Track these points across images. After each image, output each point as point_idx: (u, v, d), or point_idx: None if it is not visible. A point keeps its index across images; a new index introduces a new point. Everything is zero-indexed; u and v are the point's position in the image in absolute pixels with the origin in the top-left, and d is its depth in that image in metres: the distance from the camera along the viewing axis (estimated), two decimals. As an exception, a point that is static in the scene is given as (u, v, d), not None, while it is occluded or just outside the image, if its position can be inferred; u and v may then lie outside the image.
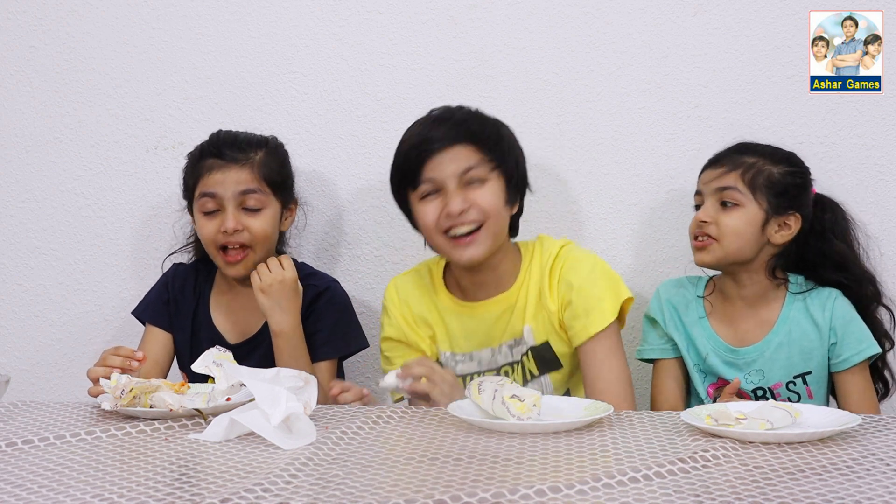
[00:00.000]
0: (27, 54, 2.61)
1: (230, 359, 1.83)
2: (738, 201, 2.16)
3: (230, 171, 2.24)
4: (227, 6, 2.56)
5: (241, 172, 2.25)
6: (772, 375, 2.18)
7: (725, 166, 2.18)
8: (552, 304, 2.13)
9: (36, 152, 2.62)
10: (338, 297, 2.34)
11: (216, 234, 2.25)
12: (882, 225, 2.42)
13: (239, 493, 1.34)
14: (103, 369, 1.95)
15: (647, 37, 2.45)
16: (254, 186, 2.25)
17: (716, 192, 2.17)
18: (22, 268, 2.64)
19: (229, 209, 2.24)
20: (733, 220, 2.15)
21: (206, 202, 2.25)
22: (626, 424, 1.75)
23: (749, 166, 2.17)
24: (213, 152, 2.26)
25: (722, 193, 2.16)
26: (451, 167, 2.06)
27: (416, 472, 1.45)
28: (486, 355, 2.18)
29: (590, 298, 2.10)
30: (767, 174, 2.16)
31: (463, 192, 2.06)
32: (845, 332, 2.16)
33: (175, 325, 2.36)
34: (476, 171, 2.07)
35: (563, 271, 2.13)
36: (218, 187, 2.24)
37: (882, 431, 1.68)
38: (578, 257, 2.15)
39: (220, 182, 2.24)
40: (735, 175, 2.16)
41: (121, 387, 1.80)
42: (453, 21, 2.50)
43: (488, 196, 2.07)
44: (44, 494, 1.37)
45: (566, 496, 1.35)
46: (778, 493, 1.34)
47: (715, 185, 2.17)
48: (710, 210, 2.17)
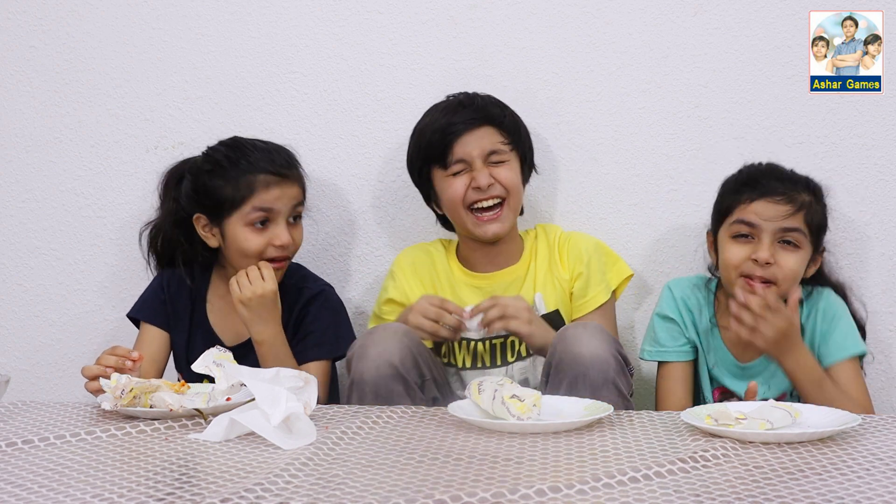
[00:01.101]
0: (27, 54, 2.61)
1: (230, 359, 1.83)
2: (800, 243, 2.09)
3: (286, 186, 2.27)
4: (227, 6, 2.56)
5: (294, 188, 2.30)
6: (776, 387, 2.17)
7: (790, 205, 2.08)
8: (564, 273, 2.30)
9: (36, 152, 2.62)
10: (332, 301, 2.36)
11: (266, 248, 2.26)
12: (882, 225, 2.42)
13: (239, 493, 1.34)
14: (98, 368, 1.97)
15: (647, 37, 2.45)
16: (302, 199, 2.32)
17: (779, 231, 2.08)
18: (22, 268, 2.64)
19: (281, 224, 2.27)
20: (795, 264, 2.08)
21: (257, 216, 2.25)
22: (626, 424, 1.75)
23: (807, 206, 2.10)
24: (268, 168, 2.26)
25: (785, 234, 2.08)
26: (479, 146, 2.24)
27: (416, 472, 1.45)
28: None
29: (597, 272, 2.29)
30: (818, 215, 2.13)
31: (488, 169, 2.23)
32: (833, 327, 2.14)
33: (172, 326, 2.37)
34: (499, 152, 2.25)
35: (572, 244, 2.32)
36: (277, 203, 2.26)
37: (882, 431, 1.68)
38: (583, 236, 2.36)
39: (280, 197, 2.26)
40: (800, 217, 2.09)
41: (121, 387, 1.80)
42: (453, 21, 2.50)
43: (510, 174, 2.25)
44: (44, 494, 1.37)
45: (566, 496, 1.35)
46: (778, 493, 1.34)
47: (779, 225, 2.08)
48: (773, 250, 2.07)
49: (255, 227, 2.26)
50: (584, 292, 2.28)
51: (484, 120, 2.25)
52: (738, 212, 2.12)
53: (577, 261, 2.29)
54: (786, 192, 2.09)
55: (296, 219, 2.32)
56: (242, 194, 2.25)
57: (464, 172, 2.24)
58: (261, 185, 2.25)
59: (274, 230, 2.26)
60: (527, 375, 2.24)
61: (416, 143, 2.30)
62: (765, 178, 2.13)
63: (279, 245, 2.26)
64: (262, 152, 2.29)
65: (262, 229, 2.26)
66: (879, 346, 2.41)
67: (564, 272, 2.30)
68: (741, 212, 2.11)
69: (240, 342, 2.32)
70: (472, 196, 2.23)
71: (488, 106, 2.27)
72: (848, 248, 2.41)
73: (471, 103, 2.27)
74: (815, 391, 2.01)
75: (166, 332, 2.37)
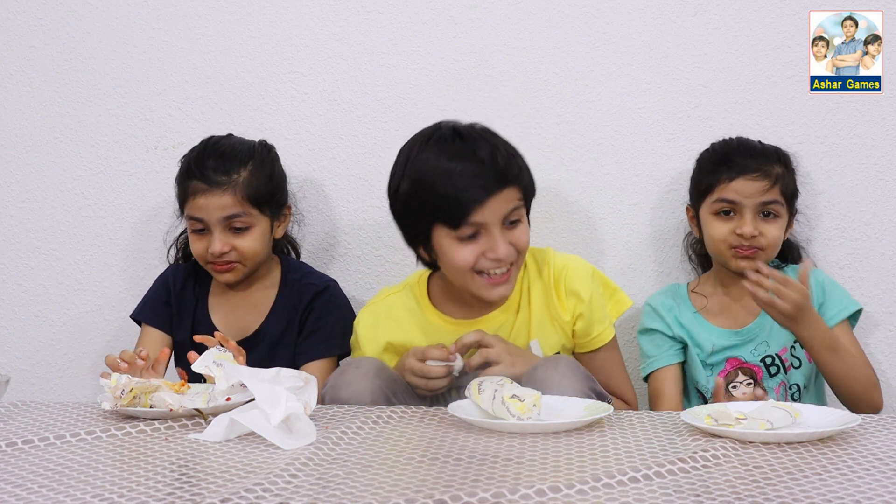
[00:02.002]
0: (27, 54, 2.61)
1: (230, 359, 1.83)
2: (779, 213, 2.22)
3: (213, 196, 2.24)
4: (227, 6, 2.56)
5: (224, 197, 2.24)
6: (775, 343, 2.24)
7: (767, 180, 2.20)
8: (565, 315, 2.13)
9: (36, 152, 2.62)
10: (337, 297, 2.36)
11: (205, 253, 2.28)
12: (882, 225, 2.42)
13: (239, 493, 1.34)
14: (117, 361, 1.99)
15: (647, 37, 2.45)
16: (238, 210, 2.25)
17: (759, 205, 2.20)
18: (22, 268, 2.64)
19: (215, 233, 2.26)
20: (776, 231, 2.21)
21: (193, 224, 2.28)
22: (626, 424, 1.75)
23: (781, 177, 2.22)
24: (198, 174, 2.26)
25: (765, 206, 2.20)
26: (498, 212, 2.01)
27: (416, 472, 1.45)
28: None
29: (599, 309, 2.15)
30: (791, 183, 2.25)
31: (506, 234, 2.02)
32: (830, 293, 2.24)
33: (175, 324, 2.37)
34: (516, 212, 2.04)
35: (569, 281, 2.13)
36: (202, 212, 2.25)
37: (882, 431, 1.68)
38: (580, 268, 2.16)
39: (204, 207, 2.25)
40: (777, 189, 2.21)
41: (121, 387, 1.80)
42: (453, 21, 2.50)
43: (524, 234, 2.07)
44: (44, 494, 1.37)
45: (566, 496, 1.35)
46: (778, 493, 1.34)
47: (759, 200, 2.20)
48: (756, 222, 2.19)
49: (195, 233, 2.28)
50: (587, 331, 2.14)
51: (506, 183, 2.01)
52: (718, 191, 2.22)
53: (578, 301, 2.12)
54: (761, 168, 2.21)
55: (239, 229, 2.26)
56: (181, 200, 2.30)
57: (476, 237, 2.01)
58: (191, 192, 2.27)
59: (209, 238, 2.27)
60: None
61: (418, 194, 2.02)
62: (739, 155, 2.24)
63: (212, 253, 2.26)
64: (208, 156, 2.28)
65: (201, 236, 2.28)
66: (879, 346, 2.41)
67: (565, 314, 2.13)
68: (721, 191, 2.22)
69: (242, 338, 2.33)
70: (483, 264, 2.02)
71: (510, 165, 2.03)
72: (848, 248, 2.41)
73: (492, 162, 2.00)
74: (830, 357, 2.11)
75: (168, 334, 2.37)
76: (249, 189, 2.26)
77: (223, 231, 2.25)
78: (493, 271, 2.03)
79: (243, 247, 2.27)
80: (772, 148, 2.28)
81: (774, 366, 2.24)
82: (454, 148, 2.02)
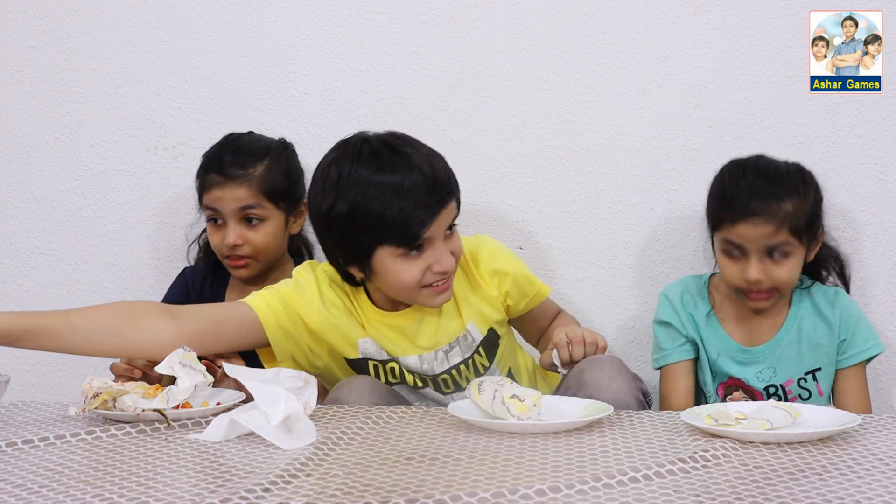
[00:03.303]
0: (27, 54, 2.61)
1: (194, 359, 1.83)
2: (790, 252, 2.11)
3: (229, 188, 2.29)
4: (227, 6, 2.56)
5: (240, 189, 2.28)
6: (783, 372, 2.20)
7: (771, 224, 2.07)
8: (492, 291, 2.10)
9: (36, 152, 2.62)
10: None
11: (220, 246, 2.32)
12: (882, 225, 2.42)
13: (239, 493, 1.34)
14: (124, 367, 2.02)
15: (647, 37, 2.45)
16: (253, 202, 2.29)
17: (765, 248, 2.09)
18: (22, 268, 2.64)
19: (230, 224, 2.29)
20: (787, 271, 2.11)
21: (209, 214, 2.33)
22: (626, 424, 1.75)
23: (790, 216, 2.08)
24: (216, 167, 2.31)
25: (773, 249, 2.10)
26: (444, 225, 1.96)
27: (416, 472, 1.45)
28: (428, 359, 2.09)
29: (523, 275, 2.15)
30: (805, 214, 2.11)
31: (447, 244, 1.98)
32: (856, 329, 2.19)
33: None
34: (454, 221, 2.00)
35: (485, 262, 2.11)
36: (218, 203, 2.30)
37: (882, 431, 1.68)
38: (489, 247, 2.14)
39: (220, 198, 2.29)
40: (784, 230, 2.08)
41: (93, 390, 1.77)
42: (453, 21, 2.50)
43: (458, 240, 2.03)
44: (44, 494, 1.37)
45: (566, 496, 1.35)
46: (778, 493, 1.34)
47: (764, 244, 2.09)
48: (762, 266, 2.10)
49: (211, 224, 2.33)
50: (523, 296, 2.14)
51: (450, 194, 1.97)
52: (724, 230, 2.13)
53: (502, 278, 2.11)
54: (767, 209, 2.08)
55: (253, 220, 2.30)
56: (200, 192, 2.34)
57: (422, 250, 1.95)
58: (206, 184, 2.32)
59: (224, 230, 2.31)
60: None
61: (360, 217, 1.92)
62: (746, 197, 2.10)
63: (227, 244, 2.29)
64: (224, 150, 2.33)
65: (217, 227, 2.32)
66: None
67: (491, 290, 2.10)
68: (727, 232, 2.12)
69: None
70: (429, 279, 1.97)
71: (447, 172, 1.98)
72: (848, 249, 2.41)
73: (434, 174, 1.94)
74: None
75: None
76: (265, 183, 2.30)
77: (238, 223, 2.29)
78: (436, 283, 1.99)
79: (256, 240, 2.30)
80: (784, 172, 2.14)
81: (777, 396, 2.19)
82: (392, 163, 1.93)
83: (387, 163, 1.93)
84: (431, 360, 2.09)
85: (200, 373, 1.82)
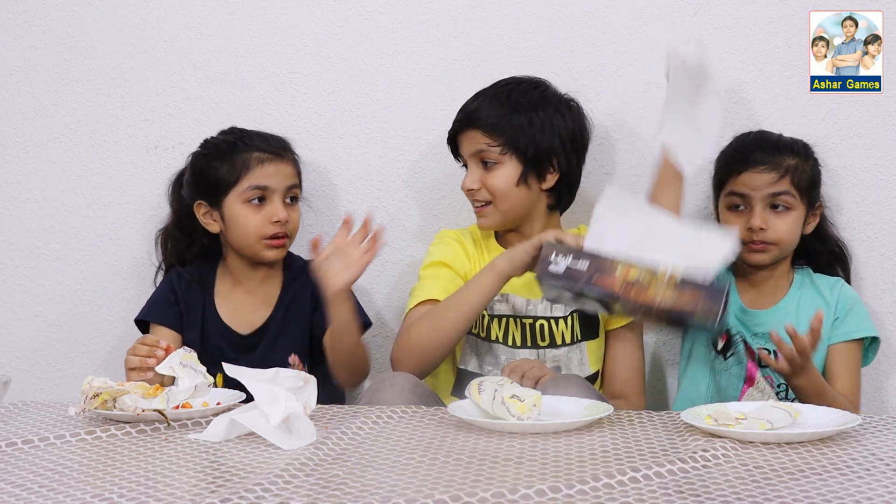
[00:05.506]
0: (27, 54, 2.61)
1: (195, 359, 1.83)
2: (791, 205, 2.21)
3: (279, 164, 2.32)
4: (227, 6, 2.56)
5: (288, 167, 2.34)
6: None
7: (775, 171, 2.20)
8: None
9: (36, 152, 2.62)
10: None
11: (262, 226, 2.29)
12: (882, 225, 2.42)
13: (239, 493, 1.34)
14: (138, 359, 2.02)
15: (647, 37, 2.45)
16: (297, 181, 2.36)
17: (768, 197, 2.20)
18: (22, 268, 2.64)
19: (277, 202, 2.30)
20: (787, 224, 2.21)
21: (253, 193, 2.30)
22: (626, 424, 1.75)
23: (794, 169, 2.21)
24: (260, 147, 2.32)
25: (775, 198, 2.20)
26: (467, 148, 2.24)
27: (416, 472, 1.45)
28: (519, 302, 2.22)
29: None
30: (806, 174, 2.23)
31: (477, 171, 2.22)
32: (851, 310, 2.24)
33: (185, 325, 2.38)
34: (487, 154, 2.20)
35: None
36: (270, 179, 2.30)
37: (882, 431, 1.68)
38: None
39: (273, 175, 2.31)
40: (787, 180, 2.20)
41: (93, 390, 1.78)
42: (453, 21, 2.50)
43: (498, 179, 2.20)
44: (44, 494, 1.38)
45: (566, 496, 1.35)
46: (778, 493, 1.34)
47: (767, 192, 2.20)
48: (765, 216, 2.19)
49: (252, 204, 2.30)
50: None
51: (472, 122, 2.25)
52: (729, 184, 2.24)
53: None
54: (770, 161, 2.20)
55: (293, 200, 2.35)
56: (238, 172, 2.30)
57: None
58: (255, 162, 2.31)
59: (270, 207, 2.30)
60: (559, 364, 2.21)
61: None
62: (750, 150, 2.24)
63: (276, 221, 2.29)
64: (257, 135, 2.36)
65: (259, 206, 2.30)
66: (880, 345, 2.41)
67: None
68: (732, 184, 2.23)
69: (252, 330, 2.36)
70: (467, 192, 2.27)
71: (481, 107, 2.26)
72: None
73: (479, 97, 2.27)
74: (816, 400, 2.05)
75: (178, 332, 2.38)
76: (297, 166, 2.38)
77: (282, 201, 2.32)
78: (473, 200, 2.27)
79: (295, 220, 2.34)
80: (788, 140, 2.27)
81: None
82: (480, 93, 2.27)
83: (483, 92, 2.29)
84: (537, 303, 2.21)
85: (201, 373, 1.83)
